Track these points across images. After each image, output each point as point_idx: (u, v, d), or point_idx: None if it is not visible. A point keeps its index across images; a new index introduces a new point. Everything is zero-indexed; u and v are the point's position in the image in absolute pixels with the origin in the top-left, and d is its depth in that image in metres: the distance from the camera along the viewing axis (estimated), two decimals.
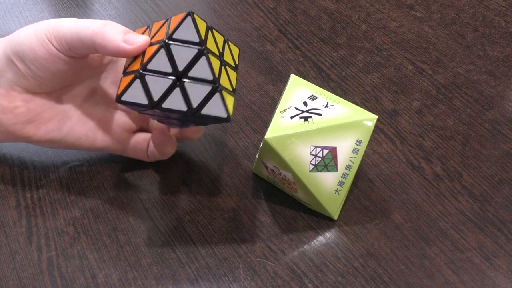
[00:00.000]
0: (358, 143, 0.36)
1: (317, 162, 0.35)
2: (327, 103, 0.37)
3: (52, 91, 0.37)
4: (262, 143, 0.35)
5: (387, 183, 0.41)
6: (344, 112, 0.36)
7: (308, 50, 0.53)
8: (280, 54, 0.52)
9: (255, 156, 0.43)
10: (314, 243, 0.37)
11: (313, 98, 0.38)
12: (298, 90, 0.38)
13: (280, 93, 0.48)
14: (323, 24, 0.56)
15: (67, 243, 0.37)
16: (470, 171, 0.42)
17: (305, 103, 0.37)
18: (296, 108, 0.37)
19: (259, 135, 0.45)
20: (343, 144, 0.36)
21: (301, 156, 0.35)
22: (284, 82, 0.49)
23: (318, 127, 0.35)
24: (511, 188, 0.41)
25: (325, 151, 0.35)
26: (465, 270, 0.36)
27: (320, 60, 0.52)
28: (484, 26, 0.57)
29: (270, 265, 0.36)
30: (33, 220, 0.38)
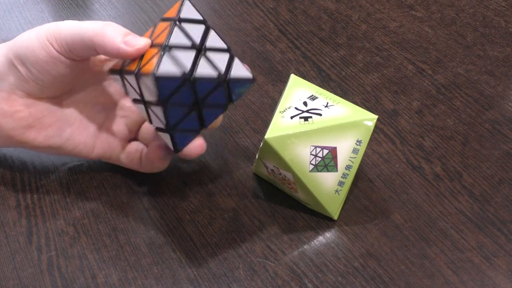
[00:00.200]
0: (358, 143, 0.36)
1: (317, 162, 0.35)
2: (327, 103, 0.37)
3: (53, 96, 0.37)
4: (262, 143, 0.35)
5: (387, 183, 0.41)
6: (344, 112, 0.36)
7: (308, 50, 0.53)
8: (280, 54, 0.52)
9: (255, 156, 0.43)
10: (314, 243, 0.37)
11: (313, 98, 0.38)
12: (298, 90, 0.38)
13: (280, 93, 0.48)
14: (323, 24, 0.56)
15: (67, 243, 0.37)
16: (470, 171, 0.42)
17: (305, 103, 0.37)
18: (296, 108, 0.37)
19: (259, 135, 0.45)
20: (343, 144, 0.36)
21: (301, 156, 0.35)
22: (284, 82, 0.49)
23: (318, 127, 0.35)
24: (511, 188, 0.41)
25: (325, 151, 0.35)
26: (465, 270, 0.36)
27: (320, 60, 0.52)
28: (484, 26, 0.57)
29: (270, 265, 0.36)
30: (33, 220, 0.38)
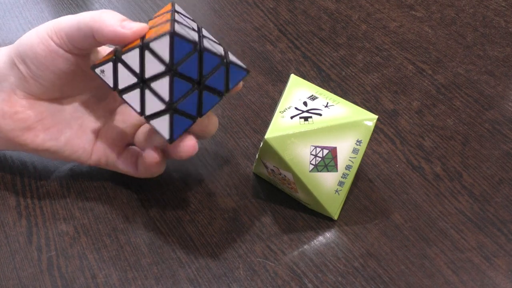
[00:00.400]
0: (358, 143, 0.36)
1: (317, 162, 0.35)
2: (327, 103, 0.37)
3: (54, 98, 0.37)
4: (262, 143, 0.35)
5: (387, 183, 0.41)
6: (344, 112, 0.36)
7: (308, 50, 0.53)
8: (280, 54, 0.52)
9: (255, 156, 0.43)
10: (314, 243, 0.37)
11: (313, 98, 0.38)
12: (298, 90, 0.38)
13: (280, 93, 0.48)
14: (323, 24, 0.56)
15: (67, 243, 0.37)
16: (470, 171, 0.42)
17: (305, 103, 0.37)
18: (296, 108, 0.37)
19: (259, 135, 0.45)
20: (343, 144, 0.36)
21: (301, 156, 0.35)
22: (284, 82, 0.49)
23: (318, 127, 0.35)
24: (511, 188, 0.41)
25: (325, 151, 0.35)
26: (465, 270, 0.36)
27: (320, 60, 0.52)
28: (484, 26, 0.57)
29: (270, 265, 0.36)
30: (33, 220, 0.38)
